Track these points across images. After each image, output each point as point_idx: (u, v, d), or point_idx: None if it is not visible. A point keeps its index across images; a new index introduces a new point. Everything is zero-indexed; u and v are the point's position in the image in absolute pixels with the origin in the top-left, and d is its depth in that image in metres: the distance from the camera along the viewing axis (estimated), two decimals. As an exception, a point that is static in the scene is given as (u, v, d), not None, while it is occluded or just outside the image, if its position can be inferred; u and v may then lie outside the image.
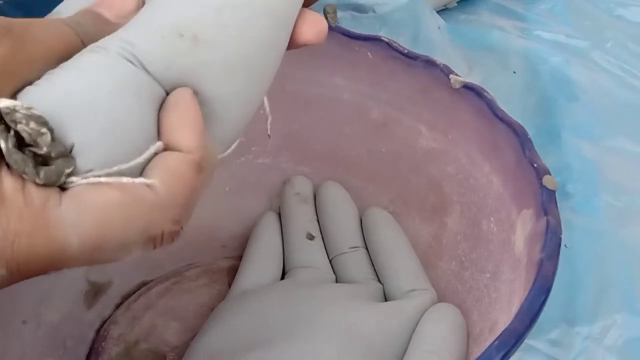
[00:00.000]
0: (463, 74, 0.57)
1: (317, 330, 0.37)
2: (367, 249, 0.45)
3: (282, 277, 0.44)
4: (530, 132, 0.59)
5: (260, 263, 0.43)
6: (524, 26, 0.69)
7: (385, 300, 0.43)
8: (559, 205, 0.51)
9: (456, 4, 0.70)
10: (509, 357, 0.30)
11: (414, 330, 0.39)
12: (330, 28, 0.46)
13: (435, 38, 0.63)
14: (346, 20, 0.64)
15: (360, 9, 0.64)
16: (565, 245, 0.50)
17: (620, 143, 0.58)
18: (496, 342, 0.30)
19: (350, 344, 0.36)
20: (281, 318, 0.38)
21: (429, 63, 0.44)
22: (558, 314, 0.46)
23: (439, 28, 0.64)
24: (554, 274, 0.33)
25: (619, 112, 0.60)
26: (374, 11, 0.64)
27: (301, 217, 0.46)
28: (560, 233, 0.35)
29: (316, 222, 0.46)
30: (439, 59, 0.45)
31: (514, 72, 0.63)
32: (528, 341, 0.44)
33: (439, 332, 0.38)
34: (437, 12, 0.66)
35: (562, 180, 0.55)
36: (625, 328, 0.45)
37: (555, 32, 0.67)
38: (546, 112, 0.60)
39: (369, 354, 0.36)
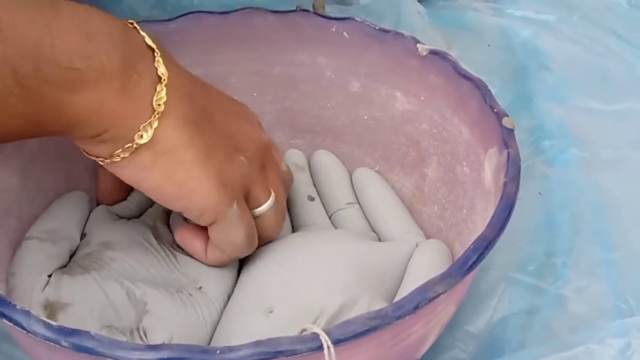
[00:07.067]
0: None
1: (332, 259, 0.42)
2: (360, 205, 0.51)
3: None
4: (507, 100, 0.65)
5: None
6: (496, 6, 0.74)
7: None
8: (534, 159, 0.56)
9: (435, -8, 0.75)
10: (483, 259, 0.35)
11: (408, 262, 0.44)
12: (309, 14, 0.51)
13: (416, 21, 0.68)
14: (333, 13, 0.69)
15: (345, 2, 0.70)
16: (540, 193, 0.55)
17: (586, 102, 0.63)
18: (472, 246, 0.35)
19: (359, 271, 0.42)
20: (301, 251, 0.44)
21: (399, 35, 0.49)
22: (538, 249, 0.51)
23: (418, 13, 0.70)
24: (516, 192, 0.38)
25: (585, 75, 0.66)
26: (358, 3, 0.69)
27: (300, 183, 0.51)
28: (519, 161, 0.40)
29: (313, 187, 0.52)
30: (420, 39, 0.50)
31: (488, 45, 0.68)
32: (513, 274, 0.49)
33: (430, 262, 0.44)
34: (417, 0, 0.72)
35: (537, 138, 0.60)
36: (595, 255, 0.50)
37: (525, 9, 0.72)
38: (520, 80, 0.66)
39: (375, 280, 0.42)
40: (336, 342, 0.31)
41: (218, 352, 0.30)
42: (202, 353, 0.30)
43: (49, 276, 0.41)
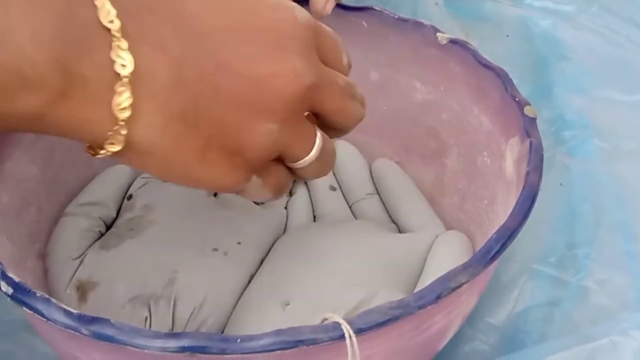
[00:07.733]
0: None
1: (351, 252, 0.42)
2: (379, 196, 0.50)
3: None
4: (527, 90, 0.64)
5: (296, 212, 0.50)
6: (514, -3, 0.74)
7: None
8: (555, 150, 0.56)
9: (451, -17, 0.74)
10: (505, 249, 0.35)
11: (428, 253, 0.44)
12: (328, 4, 0.51)
13: (433, 12, 0.68)
14: (350, 3, 0.69)
15: (362, -8, 0.70)
16: (561, 184, 0.55)
17: (607, 93, 0.63)
18: (495, 236, 0.35)
19: (378, 263, 0.42)
20: (321, 243, 0.44)
21: (418, 24, 0.49)
22: (560, 241, 0.50)
23: (436, 4, 0.69)
24: (539, 181, 0.38)
25: (605, 66, 0.65)
26: (375, -7, 0.69)
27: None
28: (542, 150, 0.40)
29: (334, 177, 0.52)
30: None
31: (507, 36, 0.68)
32: (534, 266, 0.49)
33: (451, 253, 0.43)
34: (435, -9, 0.71)
35: (557, 129, 0.60)
36: (617, 246, 0.50)
37: (544, -1, 0.72)
38: (540, 71, 0.65)
39: (394, 272, 0.42)
40: (358, 332, 0.30)
41: (239, 340, 0.29)
42: (222, 342, 0.29)
43: (83, 255, 0.43)
